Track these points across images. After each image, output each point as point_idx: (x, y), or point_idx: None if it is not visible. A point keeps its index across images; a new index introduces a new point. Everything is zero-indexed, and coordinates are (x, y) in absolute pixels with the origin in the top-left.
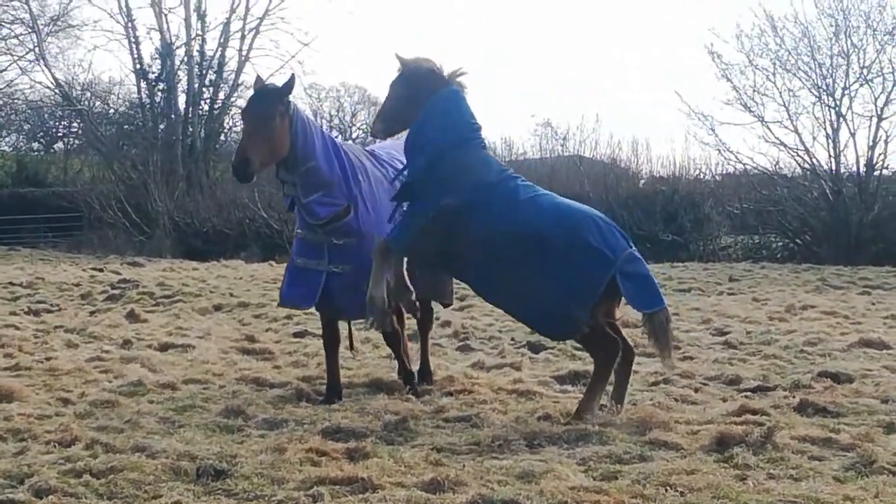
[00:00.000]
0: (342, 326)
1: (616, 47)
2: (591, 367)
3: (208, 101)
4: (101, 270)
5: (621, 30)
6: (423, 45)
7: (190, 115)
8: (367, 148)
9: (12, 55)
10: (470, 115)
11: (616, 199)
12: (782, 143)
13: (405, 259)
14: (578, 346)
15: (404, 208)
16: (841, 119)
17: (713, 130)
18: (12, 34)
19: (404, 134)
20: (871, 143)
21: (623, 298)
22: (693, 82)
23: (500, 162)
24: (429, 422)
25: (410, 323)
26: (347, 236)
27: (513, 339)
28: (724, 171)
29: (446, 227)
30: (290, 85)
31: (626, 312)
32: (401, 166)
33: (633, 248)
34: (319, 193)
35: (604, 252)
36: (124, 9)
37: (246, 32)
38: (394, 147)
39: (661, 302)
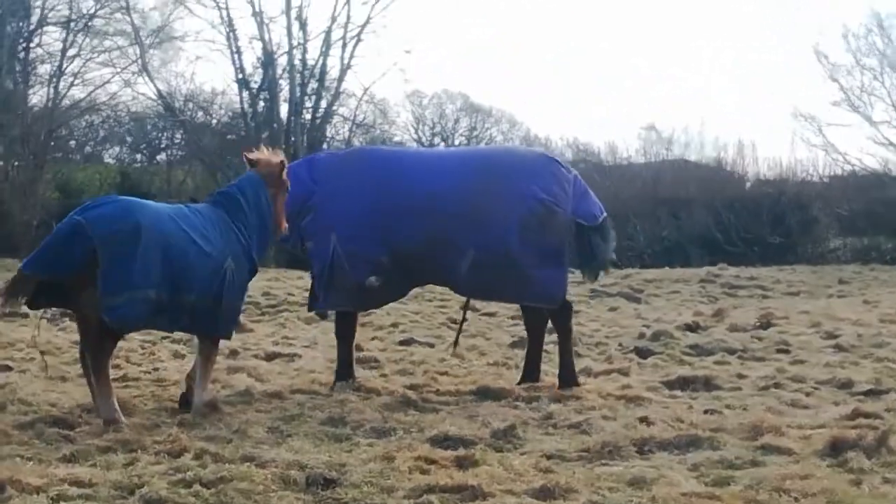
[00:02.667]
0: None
1: (721, 49)
2: (700, 372)
3: (310, 109)
4: None
5: (726, 31)
6: (523, 52)
7: (292, 125)
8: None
9: (115, 67)
10: None
11: (722, 203)
12: (891, 144)
13: None
14: (687, 351)
15: None
16: None
17: (820, 131)
18: (115, 46)
19: None
20: None
21: None
22: (799, 83)
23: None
24: (538, 429)
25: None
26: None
27: (620, 345)
28: (832, 173)
29: None
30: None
31: None
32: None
33: None
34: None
35: None
36: (226, 19)
37: (347, 41)
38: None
39: None
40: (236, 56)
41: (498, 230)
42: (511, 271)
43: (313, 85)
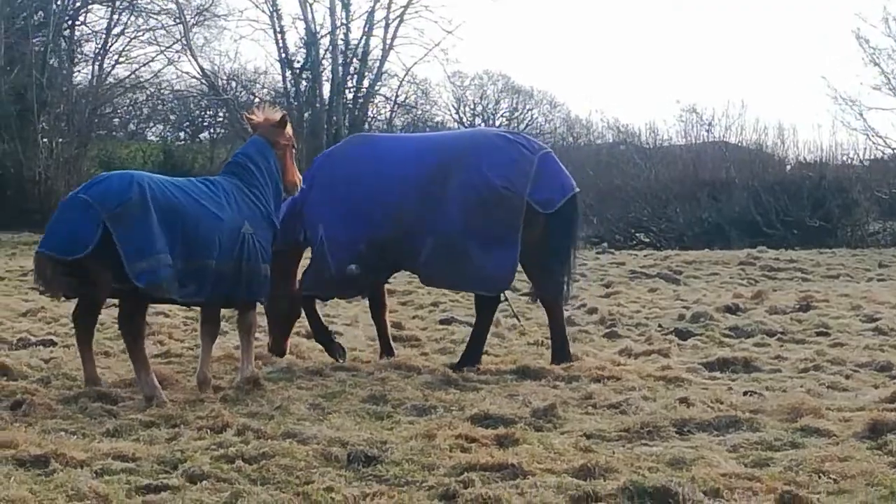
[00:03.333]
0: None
1: (761, 31)
2: (739, 354)
3: (352, 89)
4: None
5: (766, 13)
6: (564, 31)
7: (334, 104)
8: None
9: (159, 46)
10: None
11: (762, 185)
12: None
13: None
14: (727, 333)
15: None
16: None
17: (861, 115)
18: (159, 25)
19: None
20: None
21: None
22: (840, 66)
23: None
24: (577, 408)
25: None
26: None
27: (660, 326)
28: (873, 156)
29: None
30: None
31: None
32: None
33: None
34: None
35: None
36: None
37: (390, 21)
38: None
39: None
40: (279, 35)
41: (450, 216)
42: (456, 258)
43: (356, 65)
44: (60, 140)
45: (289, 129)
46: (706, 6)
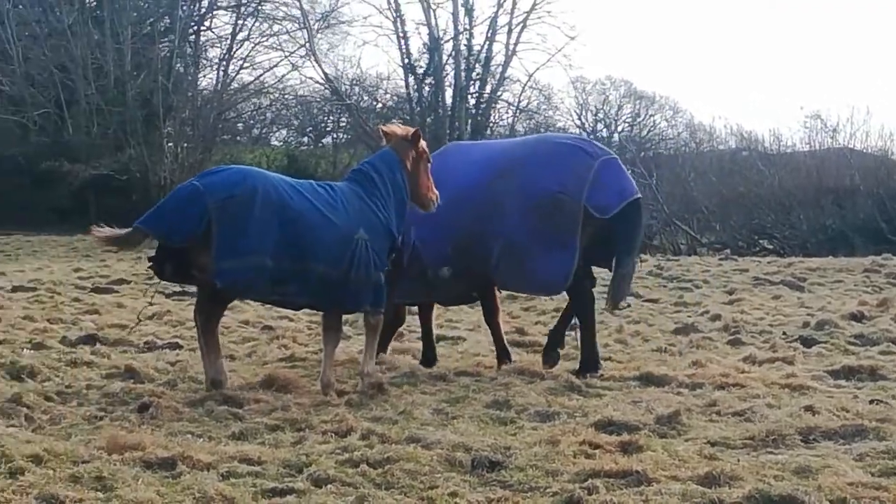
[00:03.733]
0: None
1: (888, 34)
2: (865, 362)
3: (475, 95)
4: None
5: (890, 19)
6: (687, 38)
7: (457, 110)
8: None
9: (283, 51)
10: None
11: (887, 192)
12: None
13: None
14: (852, 340)
15: None
16: None
17: None
18: (283, 30)
19: None
20: None
21: None
22: None
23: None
24: (701, 415)
25: None
26: None
27: (784, 334)
28: None
29: None
30: None
31: None
32: None
33: None
34: None
35: None
36: (393, 5)
37: (513, 26)
38: None
39: None
40: (403, 41)
41: (512, 221)
42: (519, 261)
43: (478, 70)
44: (185, 145)
45: (422, 144)
46: (831, 10)
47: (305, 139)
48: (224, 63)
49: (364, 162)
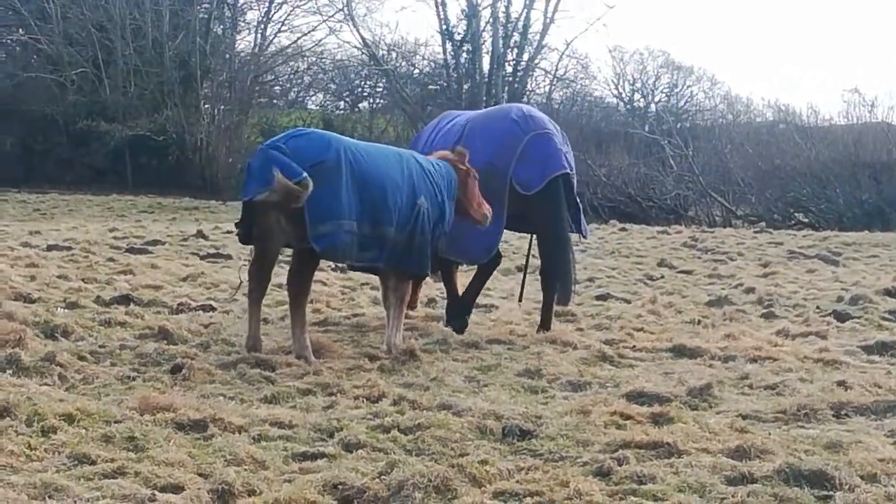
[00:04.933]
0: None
1: None
2: None
3: (512, 63)
4: None
5: None
6: (726, 10)
7: (493, 77)
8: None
9: (321, 15)
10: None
11: None
12: None
13: None
14: (886, 316)
15: None
16: None
17: None
18: None
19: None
20: None
21: None
22: None
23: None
24: (733, 388)
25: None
26: None
27: (818, 307)
28: None
29: None
30: None
31: None
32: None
33: None
34: None
35: None
36: None
37: None
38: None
39: None
40: (441, 7)
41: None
42: (454, 228)
43: (516, 38)
44: (222, 107)
45: (466, 161)
46: None
47: (342, 104)
48: (262, 26)
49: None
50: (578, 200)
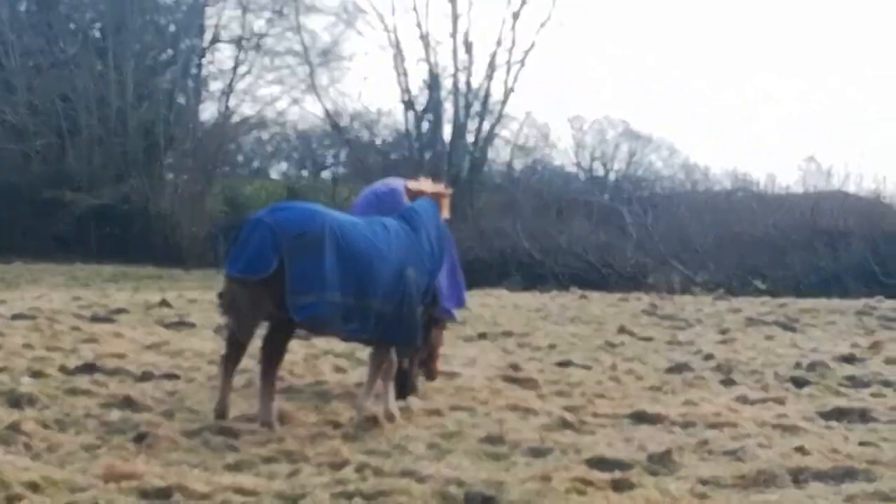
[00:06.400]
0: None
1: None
2: (856, 404)
3: (473, 132)
4: None
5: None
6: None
7: (455, 146)
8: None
9: (284, 85)
10: None
11: (881, 236)
12: None
13: None
14: (843, 382)
15: None
16: None
17: None
18: (285, 64)
19: None
20: None
21: None
22: None
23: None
24: (693, 454)
25: None
26: None
27: (776, 374)
28: None
29: None
30: None
31: None
32: None
33: None
34: None
35: None
36: (393, 42)
37: (511, 64)
38: None
39: None
40: (402, 77)
41: None
42: None
43: (477, 107)
44: (185, 176)
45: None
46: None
47: (305, 172)
48: (225, 96)
49: (409, 206)
50: None
